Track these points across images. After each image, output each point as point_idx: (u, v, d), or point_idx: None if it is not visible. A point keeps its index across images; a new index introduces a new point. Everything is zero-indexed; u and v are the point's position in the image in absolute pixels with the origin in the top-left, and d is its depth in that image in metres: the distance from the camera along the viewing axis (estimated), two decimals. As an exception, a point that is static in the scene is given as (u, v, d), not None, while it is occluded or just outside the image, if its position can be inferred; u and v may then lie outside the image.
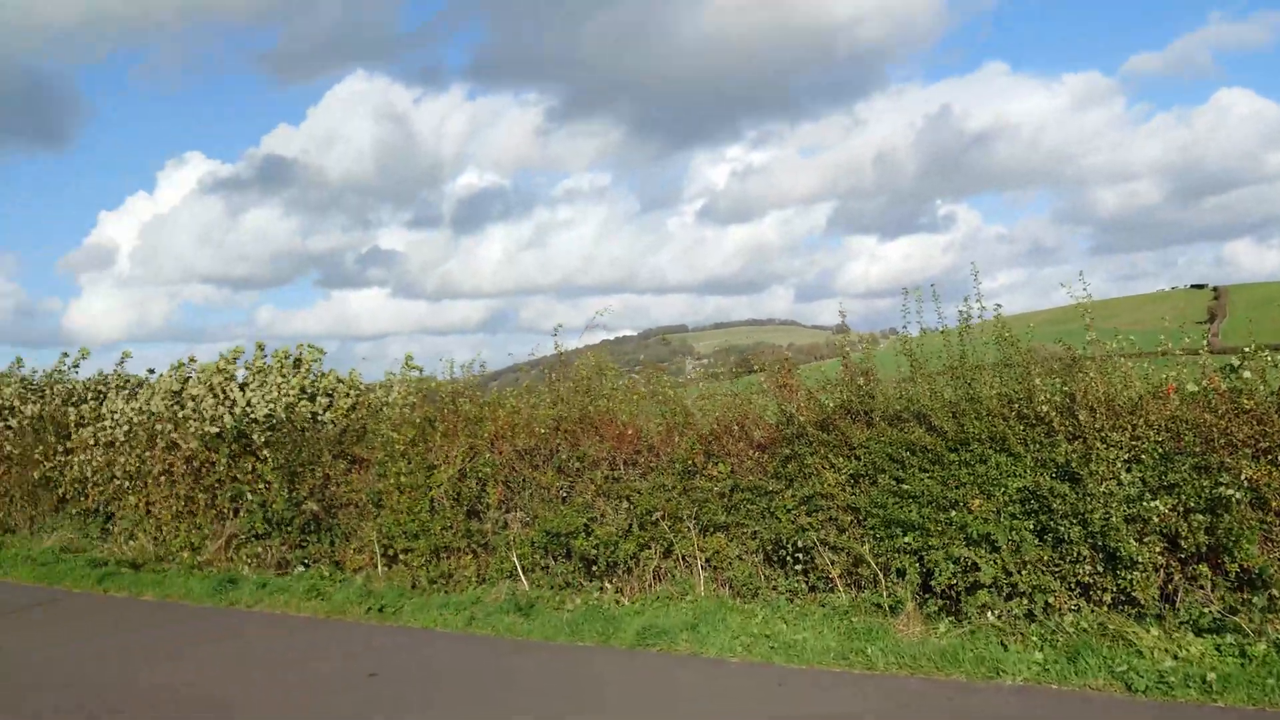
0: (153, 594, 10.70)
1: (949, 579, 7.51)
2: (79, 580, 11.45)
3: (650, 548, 9.09)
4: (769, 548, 8.62)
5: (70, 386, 16.31)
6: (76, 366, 16.72)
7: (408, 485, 10.59)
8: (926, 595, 7.78)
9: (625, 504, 9.21)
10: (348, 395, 12.84)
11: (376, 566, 10.76)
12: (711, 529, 8.85)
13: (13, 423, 16.07)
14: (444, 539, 10.18)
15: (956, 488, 7.65)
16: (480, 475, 10.14)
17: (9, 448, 15.73)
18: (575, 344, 10.95)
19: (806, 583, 8.44)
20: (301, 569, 11.24)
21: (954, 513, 7.58)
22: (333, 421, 12.42)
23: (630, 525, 9.10)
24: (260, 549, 11.88)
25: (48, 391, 16.46)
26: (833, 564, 8.25)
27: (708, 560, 8.88)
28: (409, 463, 10.65)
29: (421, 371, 12.70)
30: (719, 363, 15.14)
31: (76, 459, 14.56)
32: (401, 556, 10.57)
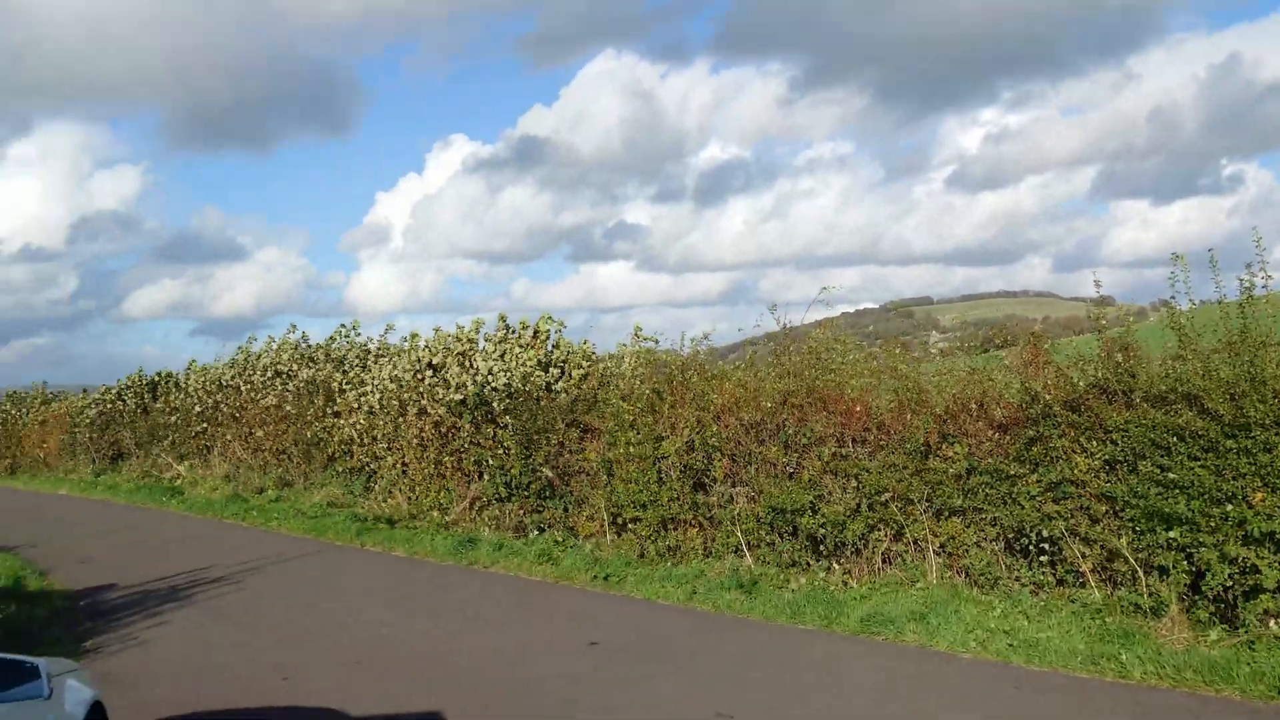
0: (403, 550, 11.39)
1: (1223, 581, 6.65)
2: (341, 533, 12.37)
3: (879, 530, 8.67)
4: (1010, 536, 7.99)
5: (341, 353, 17.71)
6: (347, 336, 18.10)
7: (636, 455, 10.64)
8: (1195, 597, 6.92)
9: (853, 483, 8.82)
10: (580, 366, 13.10)
11: (606, 534, 10.94)
12: (946, 513, 8.32)
13: (290, 386, 17.64)
14: (671, 510, 10.17)
15: (1234, 479, 6.74)
16: (707, 448, 10.05)
17: (287, 408, 17.29)
18: (806, 317, 10.60)
19: (1053, 575, 7.75)
20: (536, 533, 11.60)
21: (1230, 507, 6.68)
22: (566, 391, 12.71)
23: (858, 505, 8.72)
24: (499, 512, 12.40)
25: (320, 357, 17.96)
26: (1083, 557, 7.53)
27: (941, 546, 8.36)
28: (638, 433, 10.70)
29: (658, 343, 12.74)
30: (965, 337, 14.25)
31: (343, 421, 15.76)
32: (630, 526, 10.67)
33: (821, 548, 8.91)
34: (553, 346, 13.61)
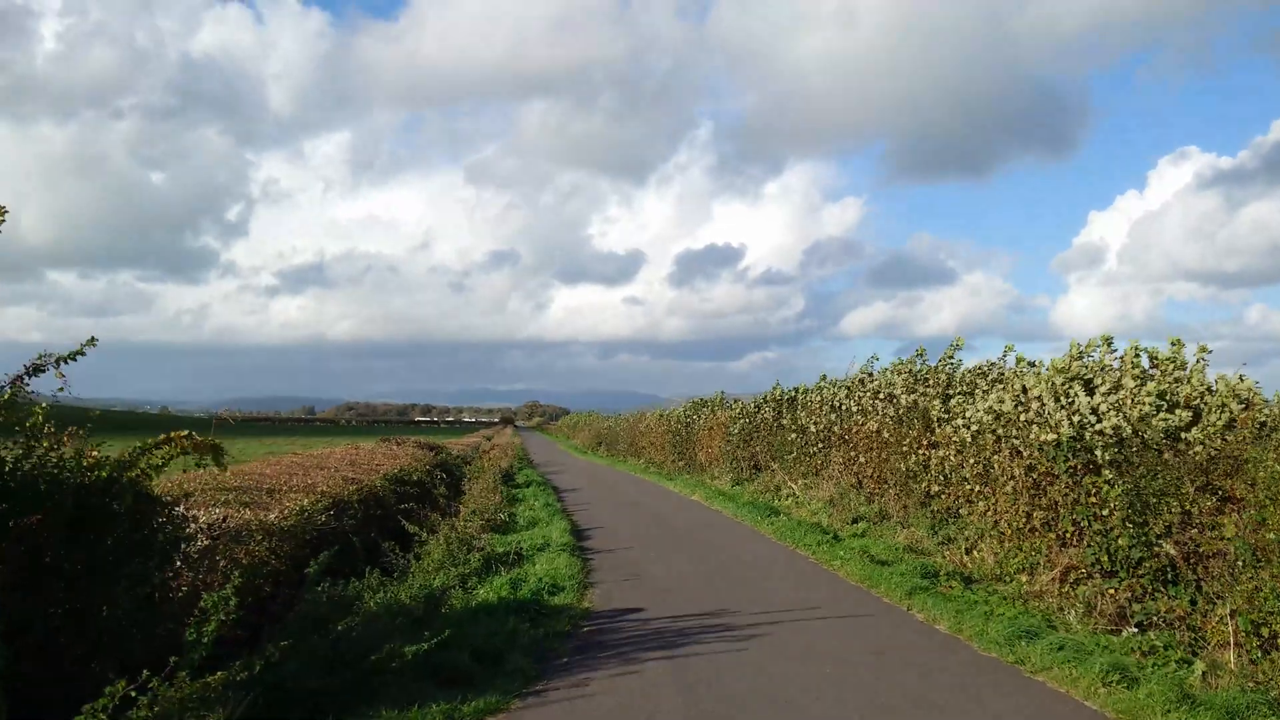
0: (946, 624, 9.24)
1: None
2: (892, 589, 10.61)
3: None
4: None
5: (948, 378, 15.89)
6: (951, 358, 16.23)
7: None
8: None
9: None
10: (1223, 409, 9.64)
11: (1231, 651, 7.72)
12: None
13: (890, 410, 16.31)
14: None
15: None
16: None
17: (886, 434, 15.98)
18: None
19: None
20: (1133, 631, 8.67)
21: None
22: (1201, 442, 9.44)
23: None
24: (1098, 591, 9.63)
25: (932, 381, 16.32)
26: None
27: None
28: None
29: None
30: None
31: (937, 454, 14.01)
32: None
33: None
34: (1186, 380, 10.29)
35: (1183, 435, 9.68)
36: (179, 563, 7.79)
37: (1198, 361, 10.46)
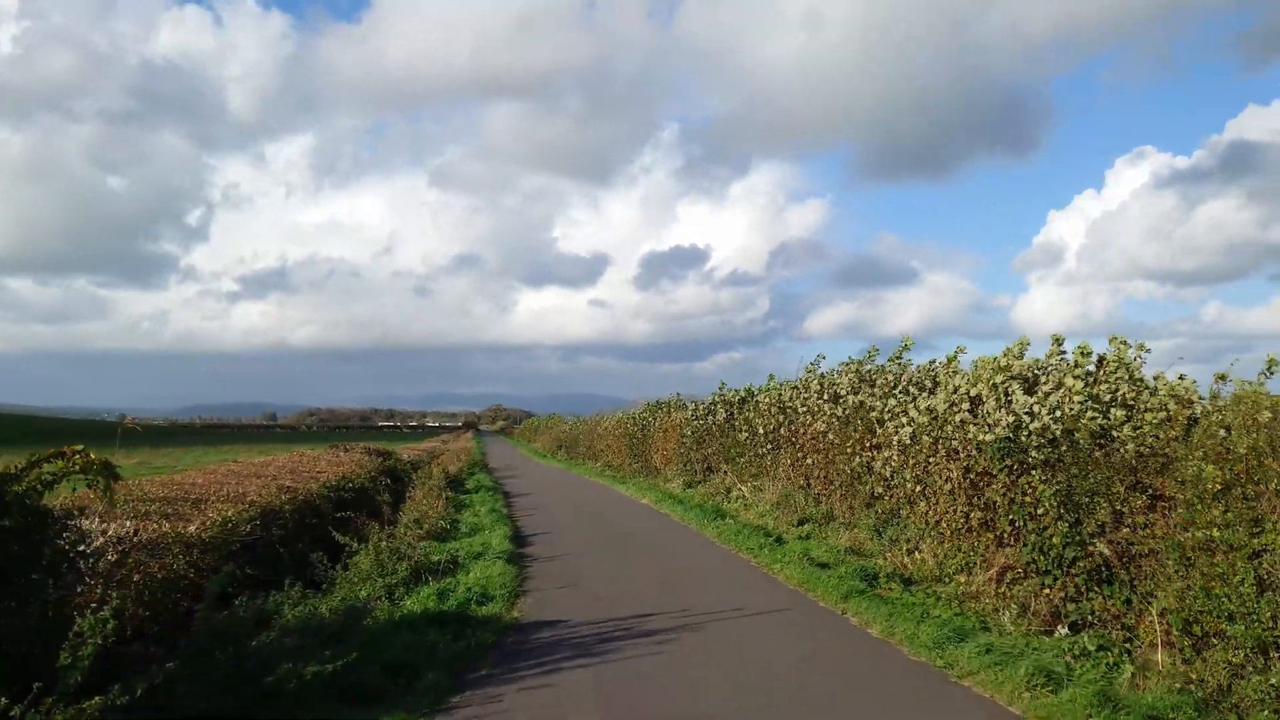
0: (878, 628, 9.12)
1: None
2: (827, 592, 10.48)
3: None
4: None
5: (895, 378, 15.81)
6: (899, 358, 16.15)
7: (1221, 543, 7.33)
8: None
9: None
10: (1160, 409, 9.60)
11: (1159, 650, 7.69)
12: None
13: (837, 410, 16.22)
14: (1275, 631, 6.70)
15: None
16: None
17: (831, 435, 15.88)
18: None
19: None
20: (1065, 632, 8.61)
21: None
22: (1133, 440, 9.40)
23: None
24: (1033, 591, 9.58)
25: (878, 382, 16.22)
26: None
27: None
28: (1225, 511, 7.36)
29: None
30: None
31: (880, 455, 13.93)
32: (1213, 642, 7.37)
33: None
34: (1126, 380, 10.25)
35: (1114, 434, 9.64)
36: (88, 579, 7.46)
37: (1135, 360, 10.44)
